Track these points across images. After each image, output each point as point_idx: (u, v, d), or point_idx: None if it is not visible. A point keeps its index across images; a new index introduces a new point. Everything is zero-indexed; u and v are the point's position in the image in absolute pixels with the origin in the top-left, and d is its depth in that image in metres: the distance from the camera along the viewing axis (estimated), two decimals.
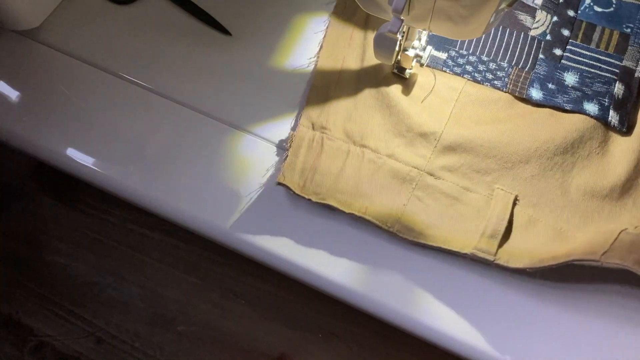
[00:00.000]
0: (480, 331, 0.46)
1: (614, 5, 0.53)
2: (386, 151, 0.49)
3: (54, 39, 0.56)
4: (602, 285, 0.46)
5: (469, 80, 0.51)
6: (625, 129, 0.49)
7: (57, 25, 0.56)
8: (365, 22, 0.54)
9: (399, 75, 0.51)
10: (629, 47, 0.51)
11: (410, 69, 0.50)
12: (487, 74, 0.51)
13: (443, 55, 0.52)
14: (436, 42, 0.52)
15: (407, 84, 0.51)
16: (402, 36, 0.47)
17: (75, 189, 1.13)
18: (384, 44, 0.43)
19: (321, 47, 0.54)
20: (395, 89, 0.50)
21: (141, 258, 1.08)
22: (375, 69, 0.51)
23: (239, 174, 0.51)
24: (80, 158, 0.52)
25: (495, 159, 0.47)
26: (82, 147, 0.52)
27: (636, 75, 0.50)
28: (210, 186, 0.50)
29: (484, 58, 0.52)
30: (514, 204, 0.47)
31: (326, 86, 0.52)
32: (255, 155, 0.51)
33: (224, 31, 0.56)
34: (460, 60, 0.52)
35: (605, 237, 0.43)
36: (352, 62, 0.52)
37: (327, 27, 0.54)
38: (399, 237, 0.47)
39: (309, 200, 0.47)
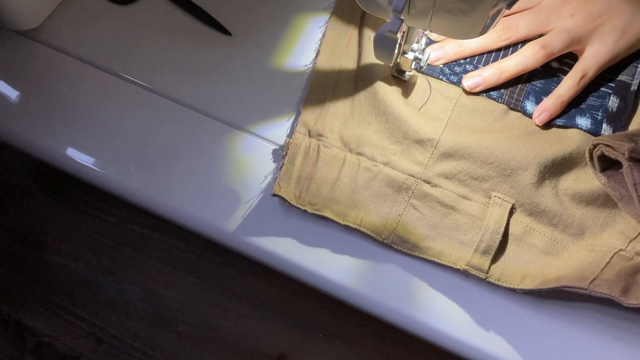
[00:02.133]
0: (480, 331, 0.46)
1: None
2: (382, 159, 0.48)
3: (54, 39, 0.56)
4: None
5: (464, 91, 0.51)
6: None
7: (57, 25, 0.56)
8: (363, 25, 0.54)
9: (398, 78, 0.51)
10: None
11: (410, 71, 0.50)
12: None
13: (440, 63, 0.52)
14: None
15: (405, 87, 0.51)
16: (402, 36, 0.47)
17: (75, 189, 1.13)
18: (384, 44, 0.43)
19: (318, 52, 0.53)
20: (392, 95, 0.50)
21: (141, 258, 1.09)
22: (373, 74, 0.51)
23: (239, 174, 0.51)
24: (80, 158, 0.52)
25: (493, 165, 0.47)
26: (82, 147, 0.52)
27: (632, 88, 0.49)
28: (210, 186, 0.50)
29: (481, 67, 0.51)
30: (511, 212, 0.47)
31: (323, 92, 0.52)
32: (255, 155, 0.51)
33: (224, 31, 0.56)
34: (457, 69, 0.51)
35: (597, 259, 0.44)
36: (349, 67, 0.52)
37: (324, 32, 0.54)
38: (394, 248, 0.47)
39: (305, 211, 0.48)
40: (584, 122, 0.49)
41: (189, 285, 1.06)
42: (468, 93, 0.50)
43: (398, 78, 0.51)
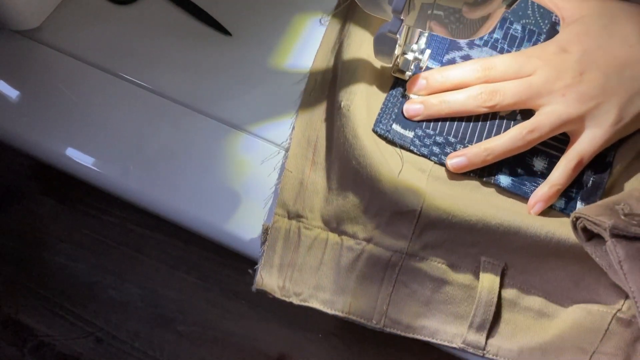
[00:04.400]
0: None
1: None
2: (364, 235, 0.46)
3: (54, 39, 0.56)
4: None
5: (435, 163, 0.48)
6: None
7: (57, 25, 0.56)
8: (335, 95, 0.48)
9: (398, 78, 0.51)
10: None
11: (410, 71, 0.50)
12: None
13: (410, 134, 0.49)
14: (403, 120, 0.49)
15: (381, 155, 0.46)
16: (402, 36, 0.47)
17: (75, 189, 1.13)
18: (384, 44, 0.43)
19: (293, 127, 0.50)
20: (368, 168, 0.45)
21: (141, 258, 1.08)
22: (346, 143, 0.46)
23: (239, 174, 0.51)
24: (80, 158, 0.52)
25: (480, 232, 0.44)
26: (82, 147, 0.52)
27: (607, 159, 0.47)
28: (210, 186, 0.50)
29: (451, 139, 0.48)
30: (503, 274, 0.45)
31: (300, 169, 0.49)
32: (255, 155, 0.51)
33: (224, 31, 0.56)
34: (427, 141, 0.48)
35: (595, 325, 0.42)
36: (325, 139, 0.49)
37: (297, 110, 0.51)
38: (387, 332, 0.46)
39: (291, 302, 0.46)
40: (557, 201, 0.47)
41: (189, 285, 1.06)
42: (439, 166, 0.48)
43: (398, 78, 0.51)
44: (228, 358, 1.04)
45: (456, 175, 0.47)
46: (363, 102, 0.48)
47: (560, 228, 0.43)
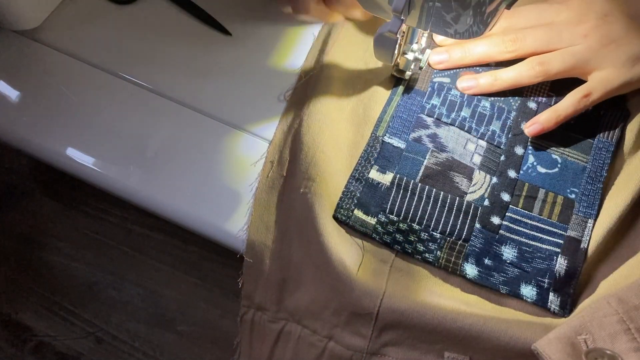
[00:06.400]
0: None
1: (559, 166, 0.47)
2: (325, 332, 0.45)
3: (54, 39, 0.56)
4: None
5: (398, 253, 0.46)
6: (568, 313, 0.43)
7: (57, 25, 0.56)
8: (291, 179, 0.47)
9: (398, 78, 0.51)
10: (574, 215, 0.45)
11: (410, 71, 0.50)
12: (419, 245, 0.45)
13: (372, 221, 0.46)
14: (364, 205, 0.46)
15: (344, 243, 0.45)
16: (402, 36, 0.47)
17: (75, 189, 1.13)
18: (383, 44, 0.43)
19: (251, 214, 0.48)
20: (327, 263, 0.43)
21: (141, 258, 1.08)
22: (303, 232, 0.45)
23: (239, 174, 0.51)
24: (80, 158, 0.52)
25: (441, 334, 0.42)
26: (82, 147, 0.52)
27: (582, 246, 0.44)
28: (210, 186, 0.50)
29: (415, 226, 0.45)
30: None
31: (260, 257, 0.47)
32: (254, 155, 0.51)
33: (224, 31, 0.56)
34: (390, 228, 0.45)
35: None
36: (283, 224, 0.47)
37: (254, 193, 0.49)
38: None
39: None
40: (528, 291, 0.44)
41: (189, 285, 1.06)
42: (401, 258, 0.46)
43: (399, 78, 0.51)
44: (228, 358, 1.04)
45: (420, 267, 0.45)
46: (323, 188, 0.45)
47: (525, 331, 0.41)
